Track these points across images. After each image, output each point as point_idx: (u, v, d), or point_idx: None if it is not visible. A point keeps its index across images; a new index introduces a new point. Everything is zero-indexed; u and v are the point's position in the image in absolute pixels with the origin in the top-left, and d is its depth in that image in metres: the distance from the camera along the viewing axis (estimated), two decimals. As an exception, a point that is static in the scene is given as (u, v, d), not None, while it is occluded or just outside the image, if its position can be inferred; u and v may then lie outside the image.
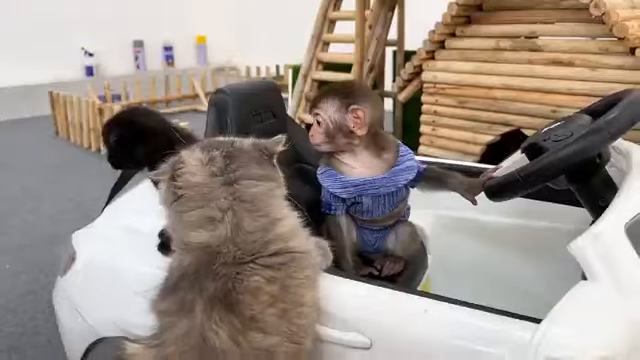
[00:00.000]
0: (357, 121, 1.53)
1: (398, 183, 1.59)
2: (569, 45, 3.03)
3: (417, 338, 1.15)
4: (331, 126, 1.55)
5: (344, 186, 1.57)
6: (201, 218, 1.13)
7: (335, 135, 1.56)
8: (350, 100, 1.54)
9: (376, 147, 1.58)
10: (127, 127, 1.56)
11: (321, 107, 1.57)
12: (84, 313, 1.56)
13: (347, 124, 1.54)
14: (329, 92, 1.60)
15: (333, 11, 4.69)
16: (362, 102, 1.54)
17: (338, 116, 1.55)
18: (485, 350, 1.09)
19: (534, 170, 1.35)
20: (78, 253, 1.63)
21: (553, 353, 0.87)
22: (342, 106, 1.54)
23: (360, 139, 1.56)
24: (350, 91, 1.58)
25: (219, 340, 1.02)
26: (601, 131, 1.29)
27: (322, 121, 1.56)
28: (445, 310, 1.17)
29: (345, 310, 1.21)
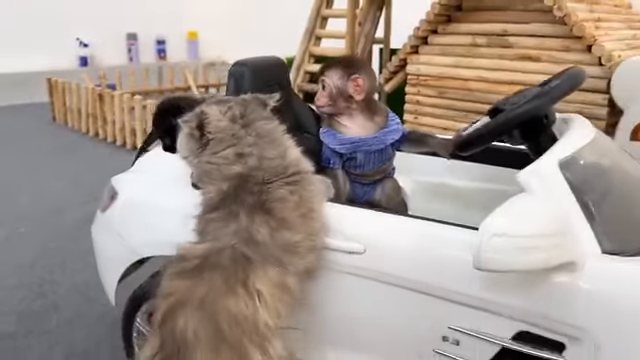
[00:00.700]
0: (357, 88, 1.83)
1: (386, 142, 1.92)
2: (536, 42, 3.43)
3: (399, 245, 1.51)
4: (334, 91, 1.86)
5: (342, 143, 1.91)
6: (234, 154, 1.48)
7: (337, 99, 1.86)
8: (351, 70, 1.85)
9: (369, 112, 1.91)
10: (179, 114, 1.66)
11: (327, 75, 1.88)
12: (125, 239, 1.89)
13: (348, 90, 1.84)
14: (334, 63, 1.90)
15: (326, 8, 5.05)
16: (361, 72, 1.85)
17: (341, 83, 1.85)
18: (449, 252, 1.45)
19: (494, 125, 1.72)
20: (120, 192, 1.96)
21: (495, 231, 1.22)
22: (344, 74, 1.85)
23: (357, 104, 1.89)
24: (351, 63, 1.92)
25: (261, 235, 1.37)
26: (546, 95, 1.68)
27: (327, 86, 1.87)
28: (420, 225, 1.53)
29: (345, 226, 1.56)
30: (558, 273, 1.33)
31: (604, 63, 3.09)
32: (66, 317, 2.61)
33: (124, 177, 2.03)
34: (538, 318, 1.37)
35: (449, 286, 1.45)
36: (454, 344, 1.49)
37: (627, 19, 3.74)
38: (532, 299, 1.37)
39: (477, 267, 1.25)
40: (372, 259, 1.53)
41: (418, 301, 1.50)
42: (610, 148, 1.84)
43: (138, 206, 1.92)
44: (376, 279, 1.53)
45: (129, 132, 5.75)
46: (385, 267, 1.52)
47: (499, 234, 1.23)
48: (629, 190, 1.70)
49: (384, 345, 1.60)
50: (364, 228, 1.57)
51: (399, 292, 1.52)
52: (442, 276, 1.46)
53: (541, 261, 1.25)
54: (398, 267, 1.50)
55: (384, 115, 1.94)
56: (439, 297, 1.47)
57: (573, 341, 1.34)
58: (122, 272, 1.94)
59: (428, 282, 1.47)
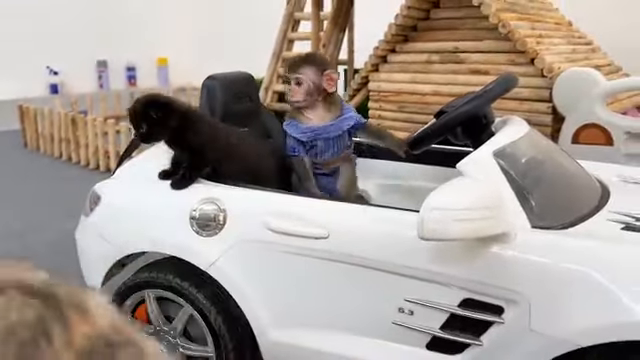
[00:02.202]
0: (330, 82, 2.05)
1: (343, 128, 2.11)
2: (485, 58, 3.72)
3: (359, 228, 1.71)
4: (311, 86, 2.04)
5: (303, 132, 2.09)
6: None
7: (312, 93, 2.05)
8: (323, 66, 2.08)
9: (328, 103, 2.10)
10: (162, 105, 1.86)
11: (302, 72, 2.05)
12: (108, 239, 2.05)
13: (322, 85, 2.05)
14: (306, 61, 2.10)
15: (292, 32, 5.31)
16: (330, 67, 2.11)
17: (316, 78, 2.04)
18: (400, 232, 1.66)
19: (439, 125, 1.96)
20: (102, 197, 2.12)
21: (434, 205, 1.43)
22: (318, 70, 2.05)
23: (321, 97, 2.07)
24: (321, 60, 2.19)
25: None
26: (481, 97, 1.92)
27: (303, 82, 2.04)
28: (376, 211, 1.74)
29: (311, 214, 1.76)
30: (493, 245, 1.55)
31: (546, 74, 3.39)
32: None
33: (106, 183, 2.19)
34: (479, 286, 1.58)
35: (402, 262, 1.65)
36: (409, 314, 1.69)
37: (567, 35, 4.08)
38: (473, 269, 1.58)
39: (421, 237, 1.45)
40: (336, 242, 1.72)
41: (377, 278, 1.70)
42: (541, 142, 2.09)
43: (120, 208, 2.09)
44: (340, 260, 1.73)
45: (102, 155, 5.86)
46: (346, 249, 1.72)
47: (437, 208, 1.44)
48: (557, 176, 1.94)
49: (348, 322, 1.79)
50: (328, 215, 1.77)
51: (360, 271, 1.71)
52: (397, 254, 1.66)
53: (475, 230, 1.47)
54: (358, 248, 1.70)
55: (339, 105, 2.14)
56: (395, 273, 1.67)
57: (510, 303, 1.55)
58: (106, 271, 2.09)
59: (385, 260, 1.67)
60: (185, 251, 1.92)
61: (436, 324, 1.66)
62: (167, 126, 1.88)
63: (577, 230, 1.63)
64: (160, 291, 1.98)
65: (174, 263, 1.99)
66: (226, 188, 1.93)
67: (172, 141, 1.95)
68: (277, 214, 1.80)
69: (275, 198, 1.85)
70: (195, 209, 1.89)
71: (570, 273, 1.50)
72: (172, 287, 1.95)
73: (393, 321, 1.71)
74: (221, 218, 1.86)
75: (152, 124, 1.87)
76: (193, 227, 1.89)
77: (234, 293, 1.88)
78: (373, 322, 1.75)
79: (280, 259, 1.81)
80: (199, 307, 1.91)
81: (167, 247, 1.97)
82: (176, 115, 1.89)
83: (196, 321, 1.95)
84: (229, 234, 1.85)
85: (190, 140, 1.92)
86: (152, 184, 2.02)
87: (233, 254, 1.85)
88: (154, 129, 1.89)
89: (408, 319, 1.69)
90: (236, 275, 1.87)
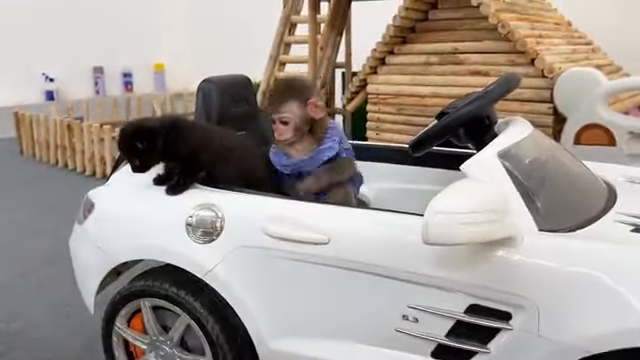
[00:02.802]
0: (316, 110, 1.91)
1: (320, 161, 1.94)
2: (485, 59, 3.68)
3: (360, 233, 1.66)
4: (299, 122, 1.91)
5: (284, 165, 1.99)
6: None
7: (301, 127, 1.92)
8: (305, 96, 1.91)
9: (314, 132, 1.94)
10: (148, 134, 1.81)
11: (285, 110, 1.90)
12: (103, 247, 1.99)
13: (309, 115, 1.91)
14: (287, 95, 1.92)
15: (289, 35, 5.27)
16: (312, 94, 1.94)
17: (302, 111, 1.91)
18: (403, 236, 1.61)
19: (441, 126, 1.90)
20: (97, 204, 2.06)
21: (438, 209, 1.38)
22: (302, 102, 1.90)
23: (308, 126, 1.93)
24: (299, 88, 1.95)
25: None
26: (484, 97, 1.87)
27: (290, 120, 1.90)
28: (377, 215, 1.69)
29: (310, 220, 1.71)
30: (500, 249, 1.49)
31: (547, 75, 3.35)
32: (45, 334, 2.66)
33: (100, 190, 2.14)
34: (485, 291, 1.52)
35: (406, 267, 1.59)
36: (413, 322, 1.63)
37: (567, 35, 4.05)
38: (479, 274, 1.53)
39: (425, 242, 1.40)
40: (336, 248, 1.67)
41: (380, 284, 1.64)
42: (546, 143, 2.04)
43: (114, 215, 2.03)
44: (340, 267, 1.67)
45: (99, 161, 5.81)
46: (347, 254, 1.66)
47: (442, 211, 1.39)
48: (563, 178, 1.89)
49: (350, 330, 1.73)
50: (328, 220, 1.71)
51: (362, 277, 1.66)
52: (399, 259, 1.61)
53: (481, 234, 1.41)
54: (359, 254, 1.65)
55: (322, 133, 1.97)
56: (398, 279, 1.61)
57: (518, 309, 1.50)
58: (100, 280, 2.03)
59: (387, 266, 1.62)
60: (181, 259, 1.86)
61: (441, 331, 1.60)
62: (155, 150, 1.85)
63: (585, 233, 1.58)
64: (156, 300, 1.93)
65: (170, 271, 1.93)
66: (223, 193, 1.87)
67: (164, 157, 1.91)
68: (276, 219, 1.74)
69: (273, 203, 1.80)
70: (191, 215, 1.83)
71: (579, 277, 1.44)
72: (168, 296, 1.89)
73: (396, 328, 1.66)
74: (218, 224, 1.80)
75: (142, 156, 1.86)
76: (189, 234, 1.83)
77: (232, 301, 1.82)
78: (376, 330, 1.70)
79: (279, 266, 1.76)
80: (196, 316, 1.86)
81: (163, 255, 1.91)
82: (161, 135, 1.85)
83: (193, 331, 1.89)
84: (226, 240, 1.80)
85: (181, 150, 1.88)
86: (147, 190, 1.97)
87: (231, 261, 1.79)
88: (145, 159, 1.87)
89: (412, 326, 1.64)
90: (234, 283, 1.81)
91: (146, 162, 1.88)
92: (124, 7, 9.57)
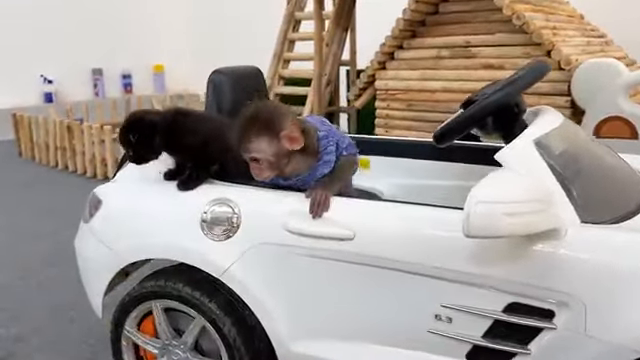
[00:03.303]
0: (292, 140, 1.58)
1: (315, 177, 1.71)
2: (498, 52, 3.58)
3: (388, 228, 1.55)
4: (273, 159, 1.59)
5: (277, 182, 1.73)
6: None
7: (278, 163, 1.61)
8: (274, 127, 1.57)
9: (305, 153, 1.65)
10: (141, 126, 1.76)
11: (253, 149, 1.58)
12: (111, 246, 1.88)
13: (284, 148, 1.59)
14: (251, 133, 1.58)
15: (293, 32, 5.17)
16: (284, 123, 1.58)
17: (273, 148, 1.58)
18: (436, 231, 1.50)
19: (468, 115, 1.80)
20: (104, 201, 1.95)
21: (481, 198, 1.28)
22: (272, 138, 1.57)
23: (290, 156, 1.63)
24: (268, 122, 1.58)
25: None
26: (512, 84, 1.76)
27: (261, 159, 1.59)
28: (406, 208, 1.58)
29: (334, 213, 1.60)
30: (541, 242, 1.39)
31: (564, 67, 3.25)
32: (48, 340, 2.55)
33: (107, 186, 2.03)
34: (526, 288, 1.42)
35: (439, 264, 1.49)
36: (447, 322, 1.53)
37: (580, 28, 3.95)
38: (519, 270, 1.42)
39: (467, 234, 1.29)
40: (362, 244, 1.56)
41: (410, 282, 1.54)
42: (579, 132, 1.94)
43: (123, 212, 1.92)
44: (367, 264, 1.57)
45: (99, 162, 5.70)
46: (375, 251, 1.55)
47: (485, 201, 1.28)
48: (599, 168, 1.79)
49: (378, 332, 1.62)
50: (353, 214, 1.61)
51: (390, 275, 1.55)
52: (431, 255, 1.50)
53: (524, 226, 1.31)
54: (388, 250, 1.54)
55: (316, 150, 1.70)
56: (430, 276, 1.51)
57: (562, 307, 1.39)
58: (109, 281, 1.92)
59: (418, 262, 1.51)
60: (195, 257, 1.75)
61: (478, 332, 1.50)
62: (149, 144, 1.77)
63: (630, 225, 1.47)
64: (168, 301, 1.82)
65: (183, 270, 1.82)
66: (239, 187, 1.76)
67: (169, 150, 1.82)
68: (296, 214, 1.63)
69: (294, 197, 1.69)
70: (206, 211, 1.72)
71: (628, 271, 1.34)
72: (182, 297, 1.78)
73: (429, 329, 1.55)
74: (235, 220, 1.69)
75: (135, 148, 1.79)
76: (204, 231, 1.72)
77: (250, 302, 1.72)
78: (406, 331, 1.59)
79: (301, 263, 1.65)
80: (212, 318, 1.75)
81: (175, 253, 1.80)
82: (160, 129, 1.77)
83: (209, 334, 1.79)
84: (244, 237, 1.69)
85: (189, 142, 1.78)
86: (157, 186, 1.87)
87: (248, 259, 1.69)
88: (138, 152, 1.80)
89: (446, 327, 1.53)
90: (252, 282, 1.70)
91: (139, 154, 1.80)
92: (123, 8, 9.47)
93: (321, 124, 1.76)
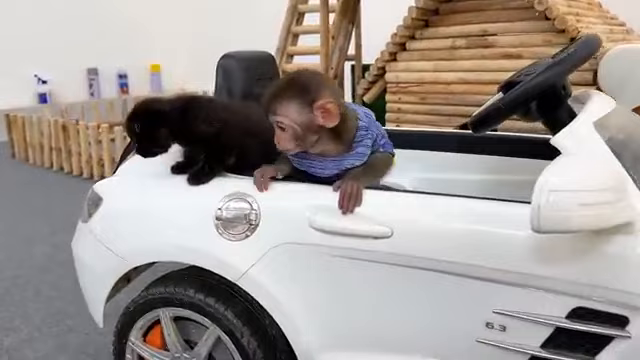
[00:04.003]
0: (326, 115, 1.39)
1: (342, 167, 1.52)
2: (518, 40, 3.40)
3: (432, 224, 1.36)
4: (299, 130, 1.40)
5: (297, 161, 1.56)
6: None
7: (305, 136, 1.42)
8: (310, 95, 1.39)
9: (338, 135, 1.46)
10: (146, 116, 1.59)
11: (281, 112, 1.40)
12: (113, 248, 1.68)
13: (315, 122, 1.40)
14: (284, 95, 1.41)
15: (296, 25, 4.99)
16: (323, 93, 1.39)
17: (303, 117, 1.39)
18: (489, 227, 1.31)
19: (513, 97, 1.60)
20: (105, 198, 1.75)
21: (552, 187, 1.10)
22: (304, 105, 1.39)
23: (320, 134, 1.44)
24: (305, 85, 1.41)
25: None
26: (563, 63, 1.57)
27: (287, 127, 1.41)
28: (453, 201, 1.39)
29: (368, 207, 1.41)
30: (613, 238, 1.21)
31: (589, 55, 3.06)
32: (43, 351, 2.35)
33: (108, 182, 1.83)
34: (594, 290, 1.23)
35: (491, 264, 1.30)
36: (500, 330, 1.34)
37: (601, 15, 3.78)
38: (586, 270, 1.24)
39: (537, 230, 1.11)
40: (401, 242, 1.37)
41: (456, 286, 1.35)
42: (631, 116, 1.76)
43: (127, 210, 1.72)
44: (407, 265, 1.38)
45: (96, 163, 5.49)
46: (416, 250, 1.36)
47: (558, 190, 1.10)
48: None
49: (420, 342, 1.44)
50: (390, 208, 1.42)
51: (433, 278, 1.36)
52: (482, 254, 1.31)
53: (598, 218, 1.12)
54: (431, 249, 1.35)
55: (351, 137, 1.50)
56: (480, 278, 1.32)
57: (637, 312, 1.21)
58: (111, 287, 1.73)
59: (466, 263, 1.32)
60: (209, 259, 1.55)
61: (536, 341, 1.31)
62: (155, 136, 1.59)
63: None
64: (179, 309, 1.62)
65: (195, 275, 1.63)
66: (258, 180, 1.57)
67: (180, 141, 1.64)
68: (324, 210, 1.44)
69: (320, 190, 1.50)
70: (220, 207, 1.53)
71: None
72: (194, 304, 1.58)
73: (478, 339, 1.36)
74: (253, 217, 1.50)
75: (139, 139, 1.60)
76: (219, 229, 1.53)
77: (272, 309, 1.53)
78: (451, 341, 1.40)
79: (329, 265, 1.46)
80: (228, 328, 1.55)
81: (186, 255, 1.60)
82: (168, 120, 1.58)
83: (225, 345, 1.59)
84: (264, 236, 1.49)
85: (201, 131, 1.58)
86: (165, 180, 1.67)
87: (270, 261, 1.49)
88: (143, 143, 1.61)
89: (498, 336, 1.34)
90: (274, 287, 1.51)
91: (145, 146, 1.62)
92: (119, 6, 9.26)
93: (364, 115, 1.55)
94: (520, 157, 2.20)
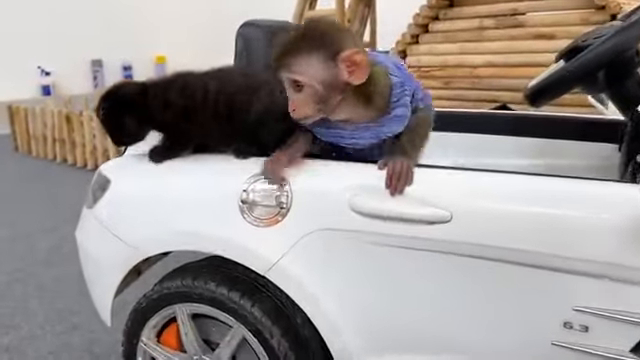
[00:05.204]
0: (354, 68, 1.14)
1: (381, 135, 1.29)
2: (551, 19, 3.19)
3: (500, 207, 1.16)
4: (321, 89, 1.15)
5: (325, 132, 1.31)
6: None
7: (328, 97, 1.17)
8: (335, 47, 1.13)
9: (366, 95, 1.21)
10: (112, 100, 1.42)
11: (297, 69, 1.15)
12: (123, 236, 1.48)
13: (341, 77, 1.15)
14: (300, 46, 1.15)
15: (309, 10, 4.78)
16: (347, 42, 1.15)
17: (327, 72, 1.14)
18: (573, 210, 1.11)
19: (582, 62, 1.40)
20: (113, 180, 1.55)
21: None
22: (328, 58, 1.14)
23: (352, 89, 1.18)
24: (326, 36, 1.15)
25: None
26: (637, 24, 1.36)
27: (306, 86, 1.15)
28: (528, 180, 1.18)
29: (421, 187, 1.20)
30: None
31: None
32: (46, 349, 2.16)
33: (118, 162, 1.63)
34: None
35: (573, 254, 1.09)
36: (581, 331, 1.13)
37: (636, -6, 3.56)
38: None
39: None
40: (462, 228, 1.17)
41: (529, 279, 1.14)
42: None
43: (138, 193, 1.52)
44: (469, 254, 1.17)
45: (101, 154, 5.31)
46: (480, 237, 1.16)
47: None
48: None
49: (483, 345, 1.23)
50: (449, 188, 1.21)
51: (501, 269, 1.16)
52: (562, 242, 1.10)
53: None
54: (498, 236, 1.15)
55: (386, 93, 1.23)
56: (559, 270, 1.11)
57: None
58: (120, 280, 1.53)
59: (542, 252, 1.11)
60: (234, 248, 1.35)
61: (625, 343, 1.10)
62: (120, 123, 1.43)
63: None
64: (198, 306, 1.42)
65: (217, 266, 1.43)
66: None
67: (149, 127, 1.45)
68: (368, 191, 1.23)
69: (362, 168, 1.29)
70: (246, 189, 1.32)
71: None
72: (215, 299, 1.38)
73: (554, 342, 1.15)
74: (284, 199, 1.29)
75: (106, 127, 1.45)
76: (244, 214, 1.32)
77: (306, 306, 1.32)
78: (521, 344, 1.19)
79: (373, 255, 1.25)
80: (255, 327, 1.35)
81: (207, 243, 1.39)
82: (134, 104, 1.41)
83: (251, 347, 1.39)
84: (297, 222, 1.29)
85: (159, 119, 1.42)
86: (180, 159, 1.47)
87: (303, 250, 1.29)
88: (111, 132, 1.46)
89: (579, 338, 1.14)
90: (308, 280, 1.30)
91: (112, 134, 1.46)
92: (123, -3, 9.09)
93: (396, 68, 1.29)
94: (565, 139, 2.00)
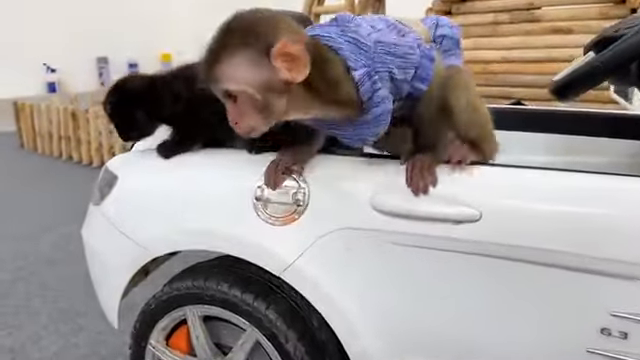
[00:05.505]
0: (292, 64, 0.94)
1: (363, 136, 1.12)
2: (568, 13, 3.11)
3: (532, 206, 1.09)
4: (258, 95, 0.96)
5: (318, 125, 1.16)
6: None
7: (270, 103, 0.97)
8: (265, 40, 0.93)
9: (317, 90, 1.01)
10: (119, 93, 1.38)
11: (226, 75, 0.96)
12: (131, 234, 1.42)
13: (279, 77, 0.95)
14: (223, 49, 0.96)
15: (318, 6, 4.72)
16: (279, 33, 0.94)
17: (261, 73, 0.94)
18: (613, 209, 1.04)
19: (615, 53, 1.32)
20: (120, 176, 1.49)
21: None
22: (258, 55, 0.94)
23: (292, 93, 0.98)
24: (252, 29, 0.95)
25: None
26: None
27: (239, 94, 0.96)
28: (561, 176, 1.11)
29: (448, 184, 1.13)
30: None
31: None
32: (50, 351, 2.10)
33: (125, 158, 1.57)
34: None
35: (612, 255, 1.02)
36: (619, 338, 1.06)
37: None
38: None
39: None
40: (491, 227, 1.10)
41: (563, 282, 1.07)
42: None
43: (146, 191, 1.45)
44: (498, 255, 1.10)
45: (107, 151, 5.26)
46: (511, 237, 1.09)
47: None
48: None
49: (511, 352, 1.16)
50: (477, 185, 1.14)
51: (533, 272, 1.09)
52: (599, 242, 1.03)
53: None
54: (529, 235, 1.08)
55: (349, 90, 1.01)
56: (596, 272, 1.04)
57: None
58: (128, 280, 1.46)
59: (578, 253, 1.04)
60: (248, 247, 1.29)
61: (668, 352, 1.04)
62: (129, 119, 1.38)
63: None
64: (210, 307, 1.36)
65: (230, 266, 1.37)
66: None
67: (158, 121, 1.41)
68: (391, 188, 1.16)
69: (387, 164, 1.22)
70: (261, 185, 1.26)
71: None
72: (228, 301, 1.32)
73: (589, 349, 1.08)
74: (301, 197, 1.23)
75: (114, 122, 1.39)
76: (258, 212, 1.26)
77: (323, 308, 1.26)
78: (554, 351, 1.12)
79: (395, 255, 1.18)
80: (270, 330, 1.29)
81: (219, 243, 1.33)
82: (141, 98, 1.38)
83: (265, 351, 1.33)
84: (314, 220, 1.22)
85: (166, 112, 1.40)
86: (191, 154, 1.41)
87: (322, 250, 1.22)
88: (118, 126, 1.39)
89: (617, 345, 1.06)
90: (325, 281, 1.24)
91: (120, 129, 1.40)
92: (129, -6, 9.05)
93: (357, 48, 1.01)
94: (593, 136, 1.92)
